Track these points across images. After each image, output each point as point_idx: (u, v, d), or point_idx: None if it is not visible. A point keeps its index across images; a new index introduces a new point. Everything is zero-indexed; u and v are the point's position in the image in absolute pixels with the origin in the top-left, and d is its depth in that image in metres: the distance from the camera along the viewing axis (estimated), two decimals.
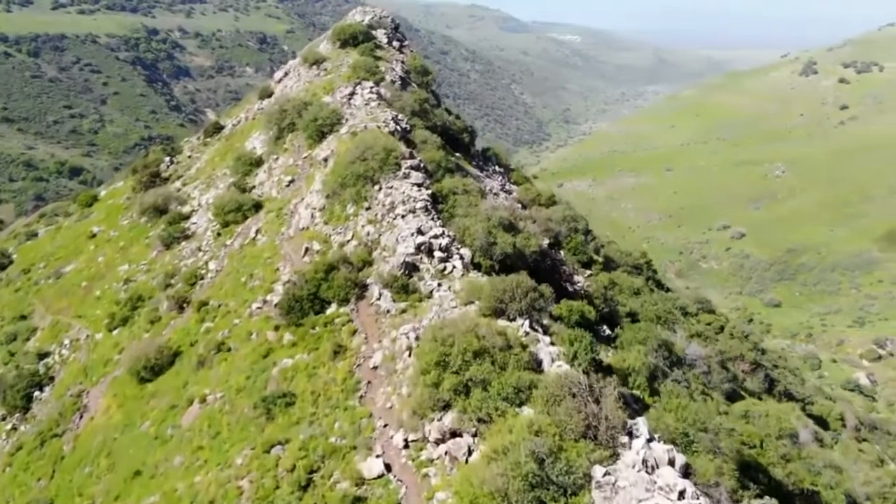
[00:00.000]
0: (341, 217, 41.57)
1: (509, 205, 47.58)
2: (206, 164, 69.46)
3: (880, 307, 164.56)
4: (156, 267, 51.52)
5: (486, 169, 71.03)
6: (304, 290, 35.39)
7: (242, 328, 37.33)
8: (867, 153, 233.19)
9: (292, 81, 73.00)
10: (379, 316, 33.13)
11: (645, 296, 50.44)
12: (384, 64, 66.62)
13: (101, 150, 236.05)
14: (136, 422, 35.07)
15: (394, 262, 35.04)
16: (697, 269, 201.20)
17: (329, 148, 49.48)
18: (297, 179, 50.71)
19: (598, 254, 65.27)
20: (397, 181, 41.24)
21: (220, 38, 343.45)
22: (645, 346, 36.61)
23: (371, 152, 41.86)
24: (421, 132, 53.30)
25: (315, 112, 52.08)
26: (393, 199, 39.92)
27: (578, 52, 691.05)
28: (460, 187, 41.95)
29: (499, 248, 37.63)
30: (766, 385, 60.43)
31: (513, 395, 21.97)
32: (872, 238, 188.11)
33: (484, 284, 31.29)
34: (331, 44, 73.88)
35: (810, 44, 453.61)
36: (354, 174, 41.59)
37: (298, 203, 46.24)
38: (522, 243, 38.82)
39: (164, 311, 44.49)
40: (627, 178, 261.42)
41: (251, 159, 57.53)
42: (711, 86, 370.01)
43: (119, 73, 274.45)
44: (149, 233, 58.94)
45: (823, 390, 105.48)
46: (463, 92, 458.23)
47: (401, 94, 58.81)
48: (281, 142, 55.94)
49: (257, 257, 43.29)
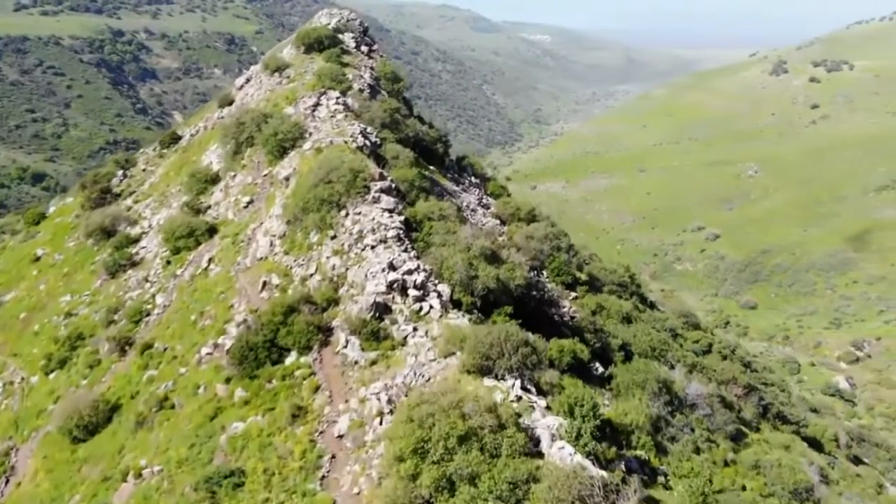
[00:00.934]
0: (303, 246, 37.07)
1: (490, 229, 43.41)
2: (160, 178, 64.27)
3: (856, 308, 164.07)
4: (99, 299, 46.48)
5: (462, 181, 66.86)
6: (259, 335, 30.88)
7: (189, 379, 32.67)
8: (838, 152, 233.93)
9: (254, 89, 68.09)
10: (346, 368, 28.77)
11: (636, 324, 46.69)
12: (352, 71, 62.00)
13: (65, 155, 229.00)
14: (64, 494, 30.28)
15: (363, 303, 30.70)
16: (672, 271, 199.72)
17: (291, 165, 44.87)
18: (256, 200, 46.06)
19: (582, 270, 61.57)
20: (366, 206, 36.85)
21: (188, 40, 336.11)
22: (644, 391, 32.77)
23: (336, 174, 37.41)
24: (392, 146, 48.96)
25: (275, 125, 47.39)
26: (361, 226, 35.56)
27: (549, 52, 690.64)
28: (436, 212, 37.69)
29: (480, 282, 33.52)
30: (761, 410, 57.29)
31: (508, 493, 17.81)
32: (846, 238, 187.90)
33: (466, 332, 27.17)
34: (295, 49, 69.04)
35: (776, 42, 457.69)
36: (318, 198, 37.10)
37: (257, 228, 41.61)
38: (507, 275, 34.75)
39: (105, 354, 39.60)
40: (600, 179, 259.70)
41: (207, 176, 52.62)
42: (682, 85, 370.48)
43: (83, 75, 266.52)
44: (95, 257, 53.75)
45: (808, 400, 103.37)
46: (435, 93, 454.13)
47: (370, 103, 54.31)
48: (239, 157, 51.12)
49: (209, 291, 38.60)
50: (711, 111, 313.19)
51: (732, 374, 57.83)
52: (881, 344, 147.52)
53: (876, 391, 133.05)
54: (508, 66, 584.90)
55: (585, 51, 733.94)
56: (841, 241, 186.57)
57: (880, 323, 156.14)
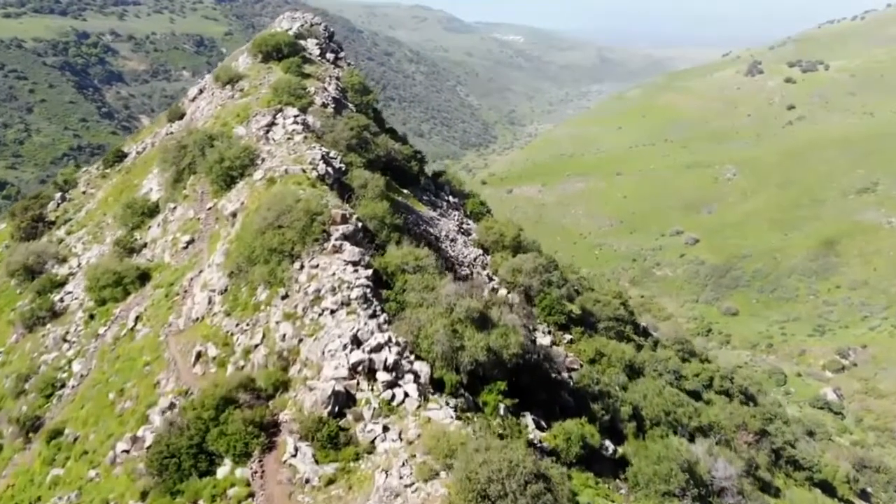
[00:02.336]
0: (248, 306, 30.19)
1: (478, 282, 36.70)
2: (98, 205, 56.65)
3: (839, 314, 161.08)
4: (13, 359, 39.03)
5: (440, 203, 60.19)
6: (184, 436, 23.96)
7: (99, 489, 25.64)
8: (816, 153, 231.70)
9: (205, 102, 60.75)
10: (294, 488, 21.97)
11: (644, 381, 40.40)
12: (314, 83, 54.95)
13: (27, 162, 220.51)
14: None
15: (319, 395, 23.94)
16: (651, 277, 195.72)
17: (239, 199, 37.89)
18: (197, 239, 38.92)
19: (573, 301, 55.38)
20: (325, 257, 30.05)
21: (155, 41, 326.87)
22: (668, 485, 26.55)
23: (289, 217, 30.55)
24: (359, 172, 42.11)
25: (221, 150, 40.23)
26: (319, 283, 28.79)
27: (522, 53, 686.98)
28: (411, 261, 30.94)
29: (467, 354, 26.99)
30: (773, 457, 51.80)
31: None
32: (826, 242, 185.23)
33: (453, 440, 20.68)
34: (251, 57, 61.77)
35: (744, 42, 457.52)
36: (266, 247, 30.24)
37: (195, 278, 34.53)
38: (499, 343, 28.21)
39: (8, 439, 32.30)
40: (577, 182, 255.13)
41: (144, 207, 45.27)
42: (656, 86, 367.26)
43: (46, 79, 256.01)
44: (17, 302, 46.20)
45: (802, 420, 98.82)
46: (408, 94, 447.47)
47: (334, 122, 47.26)
48: (180, 186, 43.85)
49: (133, 361, 31.51)
50: (687, 112, 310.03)
51: (742, 418, 52.26)
52: (867, 352, 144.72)
53: (864, 401, 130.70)
54: (482, 67, 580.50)
55: (558, 51, 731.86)
56: (821, 245, 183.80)
57: (865, 329, 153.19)
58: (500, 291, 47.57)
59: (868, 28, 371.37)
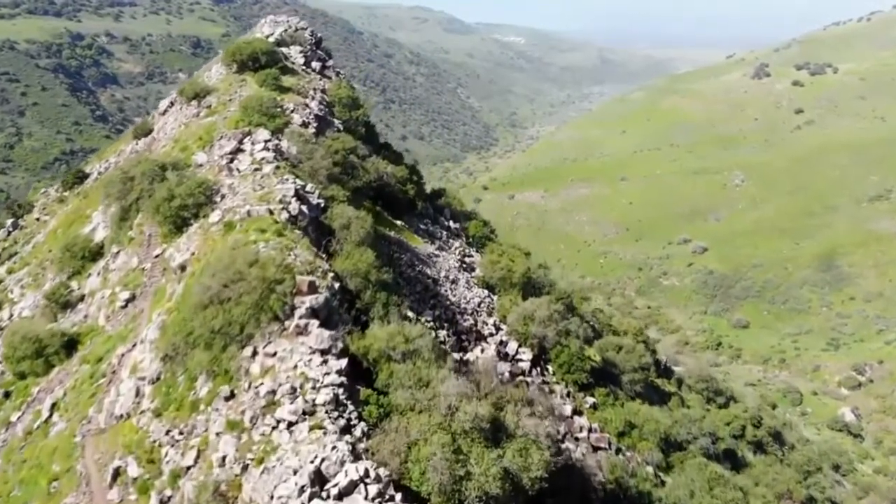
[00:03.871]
0: (184, 404, 22.89)
1: (486, 363, 29.05)
2: (47, 237, 49.30)
3: (854, 327, 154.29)
4: None
5: (439, 233, 52.76)
6: None
7: None
8: (826, 159, 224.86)
9: (172, 118, 53.46)
10: None
11: (687, 466, 33.28)
12: (294, 98, 47.45)
13: (18, 167, 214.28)
14: None
15: None
16: (658, 286, 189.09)
17: (188, 248, 30.54)
18: (139, 297, 31.53)
19: (592, 345, 48.22)
20: (285, 341, 22.72)
21: (151, 43, 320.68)
22: None
23: (240, 287, 23.19)
24: (341, 210, 34.68)
25: (171, 186, 32.84)
26: (275, 381, 21.48)
27: (523, 54, 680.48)
28: (400, 345, 23.50)
29: (475, 485, 19.72)
30: None
31: None
32: (839, 252, 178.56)
33: None
34: (225, 67, 54.31)
35: (746, 43, 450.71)
36: (208, 327, 22.94)
37: (126, 355, 27.22)
38: (518, 463, 20.93)
39: None
40: (580, 188, 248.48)
41: (86, 249, 37.84)
42: (660, 89, 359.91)
43: (39, 81, 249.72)
44: None
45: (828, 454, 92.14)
46: (409, 97, 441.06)
47: (314, 147, 39.75)
48: (126, 225, 36.46)
49: (41, 469, 24.28)
50: (692, 115, 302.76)
51: (787, 485, 45.24)
52: (884, 368, 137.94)
53: (882, 421, 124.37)
54: (483, 69, 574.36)
55: (560, 52, 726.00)
56: (834, 254, 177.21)
57: (881, 343, 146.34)
58: (510, 344, 40.38)
59: (874, 30, 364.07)
